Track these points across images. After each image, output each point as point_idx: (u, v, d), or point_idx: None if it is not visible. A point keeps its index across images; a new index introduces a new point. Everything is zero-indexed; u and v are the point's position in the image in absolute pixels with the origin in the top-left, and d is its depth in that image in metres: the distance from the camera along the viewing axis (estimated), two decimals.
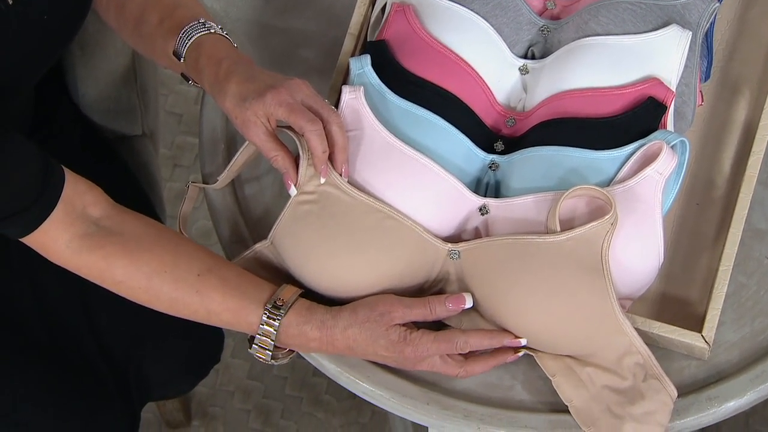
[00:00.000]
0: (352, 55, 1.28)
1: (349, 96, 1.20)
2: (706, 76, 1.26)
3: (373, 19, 1.30)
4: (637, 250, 1.13)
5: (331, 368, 1.24)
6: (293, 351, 1.19)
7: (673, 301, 1.21)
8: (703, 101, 1.25)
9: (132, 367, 1.39)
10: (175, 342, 1.41)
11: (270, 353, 1.16)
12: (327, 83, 1.29)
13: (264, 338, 1.15)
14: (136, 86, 1.51)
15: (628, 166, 1.15)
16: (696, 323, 1.18)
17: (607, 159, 1.15)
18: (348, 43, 1.29)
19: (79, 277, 1.18)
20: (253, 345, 1.17)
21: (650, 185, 1.13)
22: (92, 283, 1.17)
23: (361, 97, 1.20)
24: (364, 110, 1.20)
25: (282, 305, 1.15)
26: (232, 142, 1.35)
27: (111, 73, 1.48)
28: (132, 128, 1.54)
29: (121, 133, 1.53)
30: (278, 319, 1.15)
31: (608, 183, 1.15)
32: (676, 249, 1.22)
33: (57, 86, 1.46)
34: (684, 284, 1.21)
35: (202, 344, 1.44)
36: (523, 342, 1.14)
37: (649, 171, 1.13)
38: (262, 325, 1.15)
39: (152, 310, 1.22)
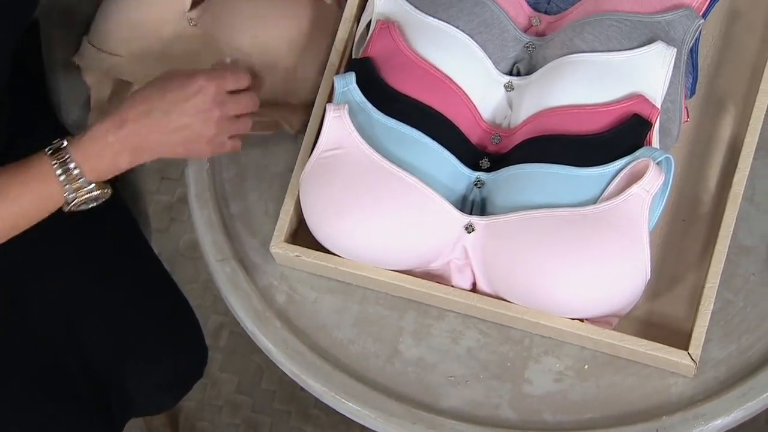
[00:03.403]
0: (337, 73, 1.28)
1: (333, 114, 1.20)
2: (692, 92, 1.26)
3: (357, 36, 1.30)
4: (624, 267, 1.13)
5: (316, 387, 1.23)
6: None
7: (660, 318, 1.21)
8: (688, 118, 1.25)
9: (114, 383, 1.38)
10: (157, 358, 1.40)
11: (83, 180, 1.16)
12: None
13: (64, 167, 1.15)
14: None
15: (614, 183, 1.15)
16: (683, 340, 1.18)
17: (593, 176, 1.15)
18: (333, 60, 1.29)
19: (62, 293, 1.17)
20: (64, 188, 1.16)
21: (637, 203, 1.13)
22: (75, 299, 1.17)
23: (345, 116, 1.20)
24: (349, 128, 1.19)
25: (58, 142, 1.17)
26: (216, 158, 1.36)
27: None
28: None
29: None
30: (62, 145, 1.16)
31: (595, 200, 1.15)
32: (662, 266, 1.22)
33: (41, 104, 1.45)
34: (670, 301, 1.21)
35: (184, 360, 1.44)
36: None
37: (635, 189, 1.13)
38: (53, 162, 1.15)
39: (134, 325, 1.21)
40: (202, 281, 1.29)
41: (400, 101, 1.21)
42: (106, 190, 1.20)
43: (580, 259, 1.12)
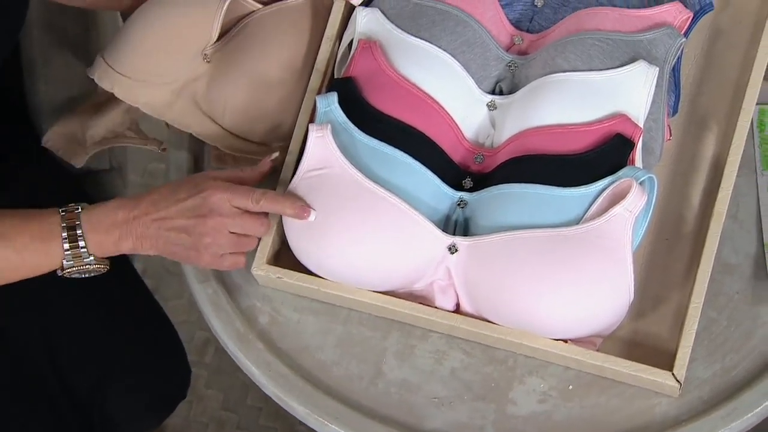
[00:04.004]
0: (319, 92, 1.27)
1: (316, 135, 1.20)
2: (674, 111, 1.26)
3: (339, 55, 1.29)
4: (608, 288, 1.13)
5: (299, 410, 1.23)
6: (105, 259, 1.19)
7: (644, 337, 1.20)
8: (671, 136, 1.25)
9: (96, 405, 1.37)
10: (139, 379, 1.39)
11: (85, 252, 1.17)
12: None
13: (71, 233, 1.16)
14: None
15: (597, 204, 1.14)
16: (667, 360, 1.17)
17: (575, 196, 1.15)
18: (314, 80, 1.28)
19: (41, 315, 1.17)
20: (65, 254, 1.16)
21: (620, 223, 1.13)
22: (55, 321, 1.16)
23: (328, 135, 1.19)
24: (332, 148, 1.19)
25: (74, 206, 1.18)
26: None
27: (75, 104, 1.46)
28: (99, 163, 1.53)
29: (87, 167, 1.52)
30: (77, 210, 1.17)
31: (578, 220, 1.14)
32: (646, 285, 1.22)
33: (21, 120, 1.44)
34: (654, 321, 1.21)
35: (167, 382, 1.43)
36: (312, 218, 1.17)
37: (618, 209, 1.13)
38: (63, 224, 1.16)
39: (115, 349, 1.20)
40: (188, 297, 1.28)
41: (382, 121, 1.21)
42: (102, 267, 1.20)
43: (563, 280, 1.12)
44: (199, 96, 1.27)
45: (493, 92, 1.25)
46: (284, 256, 1.25)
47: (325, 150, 1.19)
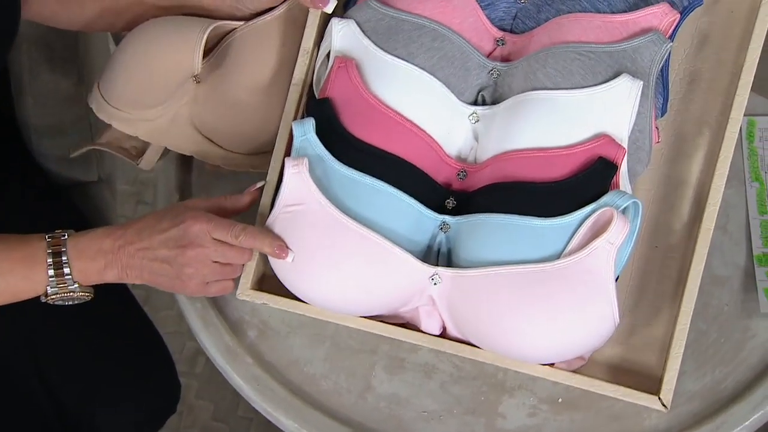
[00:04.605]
0: (298, 107, 1.24)
1: (293, 171, 1.17)
2: (662, 112, 1.22)
3: (318, 64, 1.26)
4: (592, 319, 1.11)
5: (288, 424, 1.23)
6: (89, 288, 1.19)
7: (632, 356, 1.19)
8: (659, 139, 1.22)
9: (84, 421, 1.37)
10: (128, 394, 1.39)
11: (69, 279, 1.16)
12: None
13: (56, 259, 1.15)
14: (91, 133, 1.50)
15: (578, 236, 1.11)
16: (655, 381, 1.17)
17: (556, 227, 1.12)
18: (292, 98, 1.25)
19: (29, 332, 1.16)
20: (49, 280, 1.15)
21: (602, 256, 1.10)
22: (42, 337, 1.16)
23: (304, 171, 1.17)
24: (308, 184, 1.16)
25: (60, 233, 1.17)
26: (186, 185, 1.35)
27: (64, 121, 1.46)
28: (87, 175, 1.52)
29: (76, 180, 1.52)
30: (63, 237, 1.15)
31: (559, 252, 1.12)
32: (635, 300, 1.20)
33: (9, 135, 1.44)
34: (642, 343, 1.19)
35: (156, 395, 1.42)
36: (290, 259, 1.16)
37: (599, 242, 1.10)
38: (49, 250, 1.15)
39: (103, 366, 1.19)
40: (178, 308, 1.28)
41: (360, 150, 1.18)
42: (86, 294, 1.19)
43: (546, 316, 1.10)
44: (194, 117, 1.27)
45: (475, 101, 1.22)
46: (270, 278, 1.23)
47: (301, 186, 1.17)
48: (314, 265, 1.14)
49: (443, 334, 1.19)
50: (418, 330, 1.19)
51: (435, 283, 1.15)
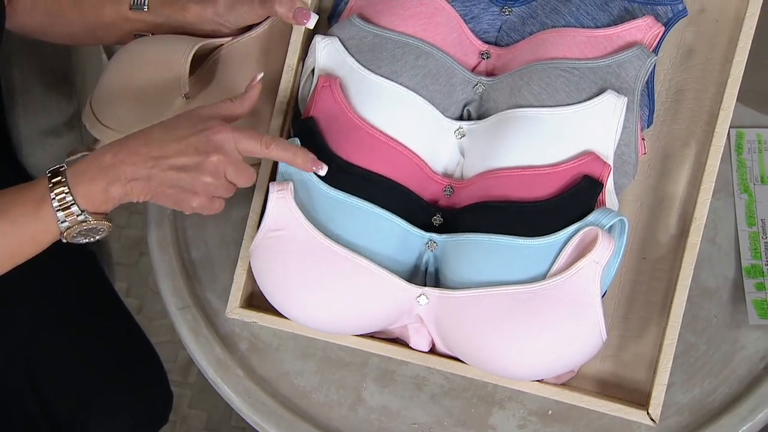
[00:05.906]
0: (283, 125, 1.24)
1: (277, 195, 1.16)
2: (648, 123, 1.22)
3: (303, 80, 1.26)
4: (577, 339, 1.11)
5: None
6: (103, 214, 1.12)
7: (621, 368, 1.19)
8: (646, 151, 1.22)
9: (77, 430, 1.37)
10: (120, 404, 1.39)
11: (75, 207, 1.09)
12: None
13: (58, 189, 1.09)
14: (83, 143, 1.50)
15: (564, 256, 1.11)
16: (644, 395, 1.17)
17: (541, 247, 1.12)
18: (276, 117, 1.24)
19: (22, 339, 1.15)
20: (57, 213, 1.09)
21: (587, 275, 1.10)
22: (35, 347, 1.15)
23: (288, 196, 1.16)
24: (292, 209, 1.16)
25: (60, 165, 1.11)
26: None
27: (55, 132, 1.47)
28: None
29: None
30: (61, 168, 1.10)
31: (545, 272, 1.11)
32: (624, 313, 1.21)
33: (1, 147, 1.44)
34: (631, 355, 1.20)
35: (149, 405, 1.43)
36: (322, 173, 1.15)
37: (584, 262, 1.10)
38: (50, 184, 1.09)
39: (95, 375, 1.18)
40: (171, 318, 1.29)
41: (345, 170, 1.18)
42: (103, 223, 1.12)
43: (532, 335, 1.10)
44: None
45: (461, 116, 1.21)
46: (259, 296, 1.24)
47: (285, 211, 1.16)
48: (299, 290, 1.14)
49: (433, 350, 1.20)
50: (408, 346, 1.20)
51: (422, 303, 1.15)
